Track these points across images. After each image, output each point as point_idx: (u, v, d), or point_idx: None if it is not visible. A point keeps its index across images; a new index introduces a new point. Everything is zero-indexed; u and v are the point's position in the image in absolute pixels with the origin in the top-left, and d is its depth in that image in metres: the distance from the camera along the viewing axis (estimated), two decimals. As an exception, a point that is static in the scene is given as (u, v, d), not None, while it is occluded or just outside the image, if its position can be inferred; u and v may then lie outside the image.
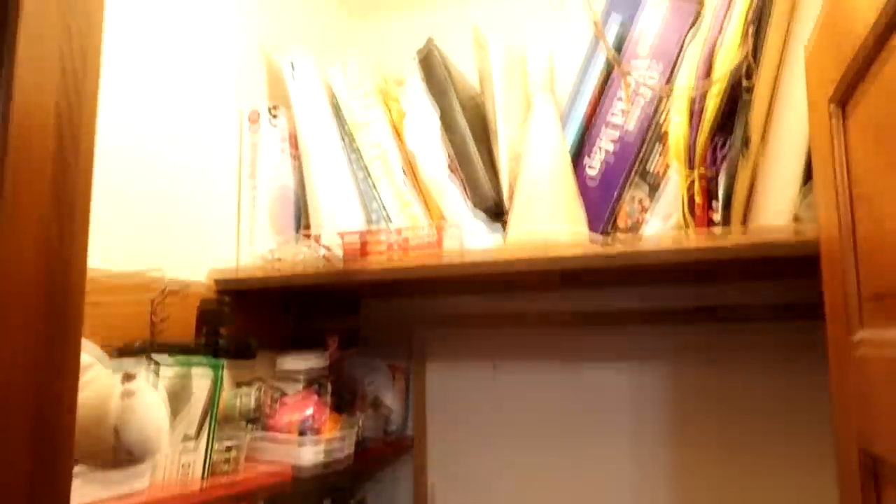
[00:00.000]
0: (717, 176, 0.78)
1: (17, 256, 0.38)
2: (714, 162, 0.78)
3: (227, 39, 1.11)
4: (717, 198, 0.78)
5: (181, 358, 0.84)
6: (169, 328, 0.94)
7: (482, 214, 1.05)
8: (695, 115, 0.78)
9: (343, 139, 1.12)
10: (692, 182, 0.80)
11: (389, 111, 1.12)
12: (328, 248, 0.93)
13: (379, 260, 0.93)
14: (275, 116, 1.12)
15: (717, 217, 0.77)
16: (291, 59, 1.15)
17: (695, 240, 0.73)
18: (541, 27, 1.28)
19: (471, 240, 1.01)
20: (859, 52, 0.47)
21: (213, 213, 1.07)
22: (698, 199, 0.80)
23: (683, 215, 0.82)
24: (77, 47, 0.43)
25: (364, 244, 0.94)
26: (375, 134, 1.07)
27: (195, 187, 1.04)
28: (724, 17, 0.78)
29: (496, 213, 1.07)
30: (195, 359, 0.86)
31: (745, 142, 0.75)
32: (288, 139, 1.14)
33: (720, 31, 0.77)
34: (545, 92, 1.07)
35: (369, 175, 1.08)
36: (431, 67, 1.07)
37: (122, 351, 0.83)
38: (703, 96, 0.77)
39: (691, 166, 0.79)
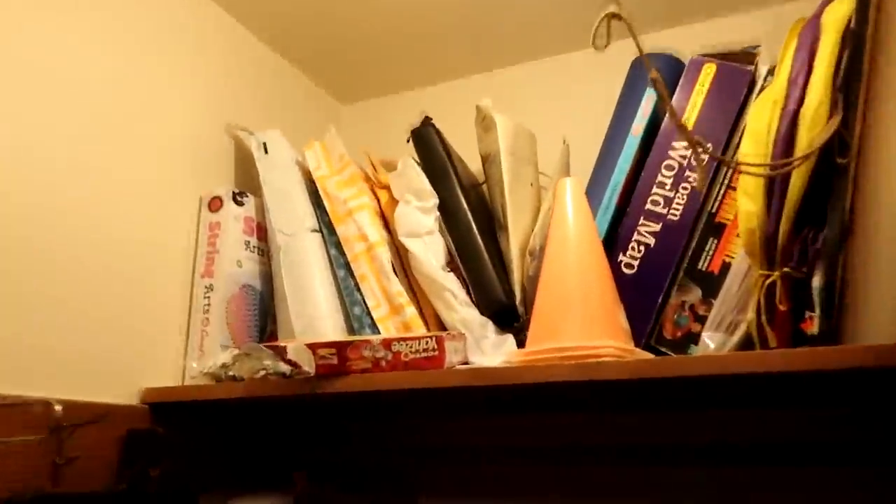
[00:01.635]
0: (807, 276, 0.59)
1: None
2: (802, 258, 0.60)
3: (190, 118, 0.95)
4: (809, 304, 0.59)
5: (82, 520, 0.61)
6: (79, 470, 0.71)
7: (490, 321, 0.85)
8: (775, 199, 0.61)
9: (322, 231, 0.93)
10: (773, 283, 0.61)
11: (378, 199, 0.94)
12: (296, 365, 0.72)
13: (360, 377, 0.72)
14: (240, 204, 0.94)
15: (813, 329, 0.58)
16: (264, 138, 0.98)
17: (798, 357, 0.53)
18: (546, 105, 1.14)
19: (479, 353, 0.80)
20: None
21: (155, 318, 0.86)
22: (782, 306, 0.61)
23: (760, 326, 0.63)
24: None
25: (343, 359, 0.73)
26: (361, 225, 0.89)
27: (132, 287, 0.83)
28: (804, 82, 0.62)
29: (507, 319, 0.87)
30: (104, 519, 0.63)
31: (845, 231, 0.58)
32: (255, 231, 0.96)
33: (800, 101, 0.62)
34: (566, 175, 0.91)
35: (352, 274, 0.89)
36: (428, 146, 0.91)
37: (0, 510, 0.60)
38: (785, 178, 0.60)
39: (771, 263, 0.61)
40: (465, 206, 0.88)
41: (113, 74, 0.84)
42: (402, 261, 0.90)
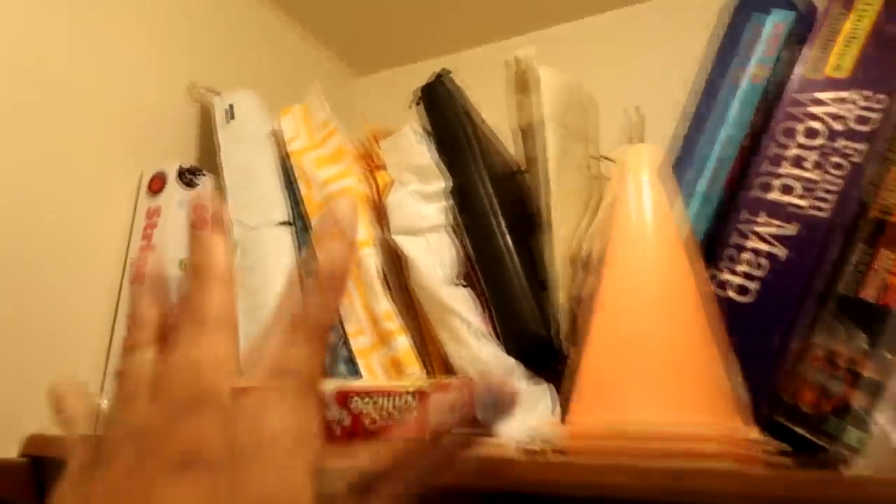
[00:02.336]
0: None
1: None
2: None
3: (145, 79, 0.72)
4: None
5: None
6: None
7: (518, 363, 0.57)
8: None
9: (295, 224, 0.68)
10: None
11: (376, 184, 0.69)
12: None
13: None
14: (190, 184, 0.70)
15: None
16: (231, 100, 0.74)
17: None
18: (602, 70, 0.85)
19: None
20: None
21: (63, 337, 0.63)
22: None
23: None
24: None
25: None
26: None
27: (36, 294, 0.60)
28: None
29: (542, 358, 0.59)
30: None
31: None
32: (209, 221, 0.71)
33: None
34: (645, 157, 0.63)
35: (326, 284, 0.63)
36: (441, 109, 0.64)
37: None
38: None
39: None
40: (488, 191, 0.61)
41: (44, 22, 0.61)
42: (400, 270, 0.64)
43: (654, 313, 0.41)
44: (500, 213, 0.60)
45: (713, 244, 0.50)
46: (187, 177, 0.69)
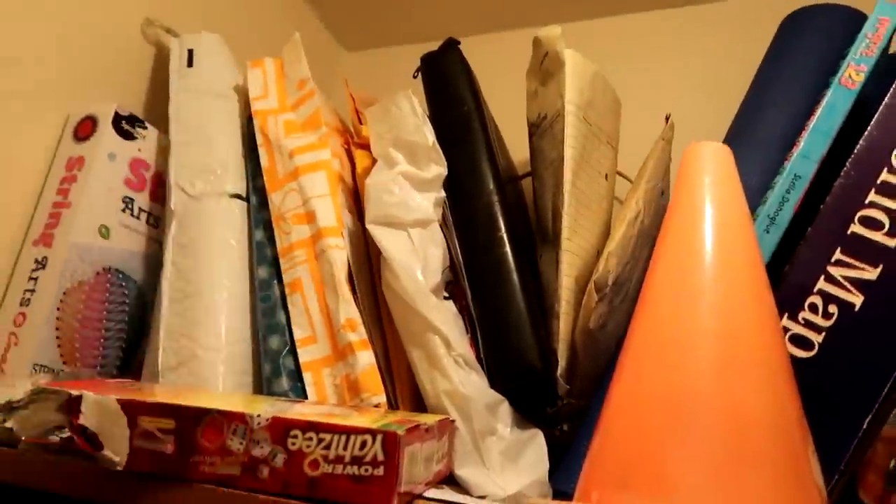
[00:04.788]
0: None
1: None
2: None
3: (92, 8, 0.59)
4: None
5: None
6: None
7: (505, 401, 0.46)
8: None
9: (249, 200, 0.56)
10: None
11: (353, 162, 0.57)
12: (93, 441, 0.35)
13: (214, 493, 0.33)
14: (128, 135, 0.57)
15: None
16: (192, 44, 0.62)
17: None
18: (626, 73, 0.76)
19: (475, 466, 0.42)
20: None
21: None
22: None
23: None
24: None
25: (189, 447, 0.34)
26: (309, 197, 0.51)
27: None
28: None
29: (536, 400, 0.48)
30: None
31: None
32: (147, 184, 0.59)
33: None
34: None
35: (278, 278, 0.51)
36: (447, 81, 0.53)
37: None
38: None
39: None
40: (491, 187, 0.50)
41: None
42: (372, 269, 0.52)
43: (714, 368, 0.31)
44: (503, 216, 0.49)
45: (771, 280, 0.40)
46: (124, 125, 0.57)
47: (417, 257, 0.47)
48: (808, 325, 0.39)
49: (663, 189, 0.57)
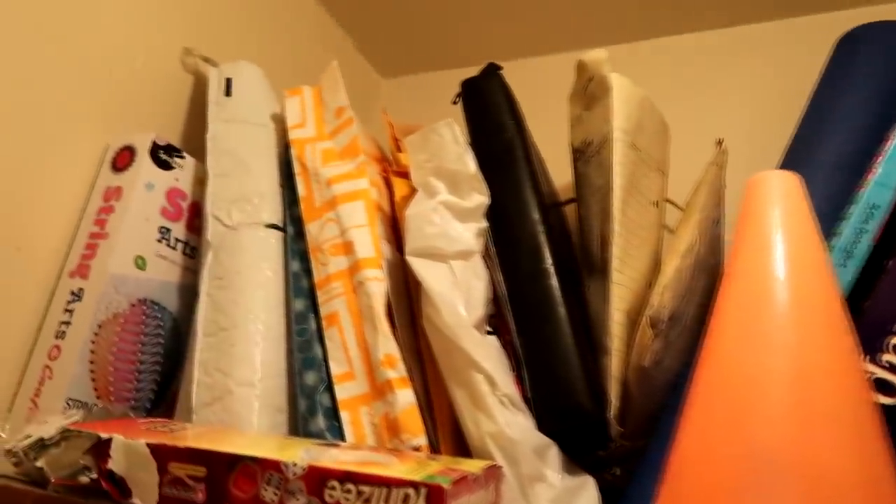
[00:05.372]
0: None
1: None
2: None
3: (130, 37, 0.59)
4: None
5: None
6: None
7: (553, 445, 0.43)
8: None
9: (286, 229, 0.54)
10: None
11: (391, 191, 0.55)
12: (122, 488, 0.33)
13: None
14: (165, 165, 0.57)
15: None
16: (231, 73, 0.61)
17: None
18: (671, 96, 0.73)
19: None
20: None
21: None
22: None
23: None
24: None
25: (220, 497, 0.32)
26: (346, 227, 0.50)
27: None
28: None
29: (588, 442, 0.45)
30: None
31: None
32: (184, 214, 0.58)
33: None
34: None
35: (315, 311, 0.49)
36: (488, 107, 0.51)
37: None
38: None
39: None
40: (536, 217, 0.47)
41: None
42: (412, 302, 0.50)
43: (790, 417, 0.28)
44: (549, 246, 0.47)
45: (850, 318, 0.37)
46: (162, 155, 0.56)
47: (459, 290, 0.45)
48: (892, 368, 0.35)
49: (717, 218, 0.54)
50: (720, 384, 0.30)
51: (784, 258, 0.31)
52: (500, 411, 0.42)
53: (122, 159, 0.56)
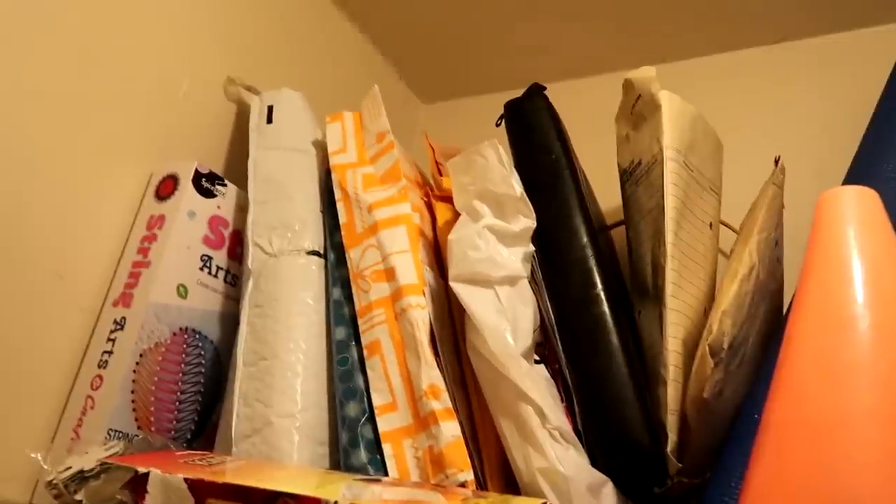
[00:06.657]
0: None
1: None
2: None
3: (176, 65, 0.60)
4: None
5: None
6: None
7: (609, 481, 0.41)
8: None
9: (328, 256, 0.53)
10: None
11: (433, 216, 0.54)
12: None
13: None
14: (208, 193, 0.56)
15: None
16: (272, 100, 0.61)
17: None
18: (726, 113, 0.70)
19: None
20: None
21: (18, 370, 0.49)
22: None
23: None
24: None
25: None
26: (388, 254, 0.48)
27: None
28: None
29: (645, 478, 0.43)
30: None
31: None
32: (226, 242, 0.58)
33: None
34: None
35: (356, 339, 0.48)
36: (533, 128, 0.50)
37: None
38: None
39: None
40: (585, 239, 0.45)
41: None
42: (456, 330, 0.48)
43: (880, 461, 0.25)
44: (599, 271, 0.45)
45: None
46: (204, 183, 0.56)
47: (506, 318, 0.43)
48: None
49: (777, 239, 0.51)
50: (799, 424, 0.27)
51: (863, 281, 0.29)
52: (550, 445, 0.39)
53: (166, 188, 0.56)
